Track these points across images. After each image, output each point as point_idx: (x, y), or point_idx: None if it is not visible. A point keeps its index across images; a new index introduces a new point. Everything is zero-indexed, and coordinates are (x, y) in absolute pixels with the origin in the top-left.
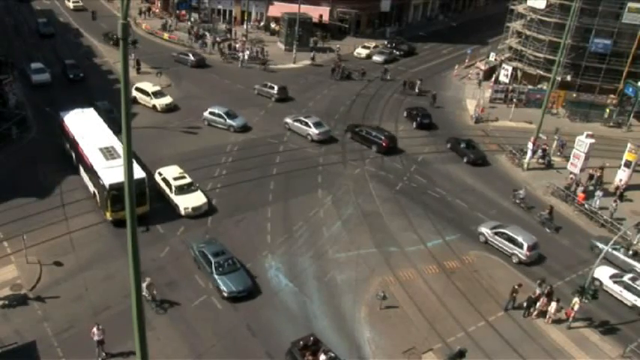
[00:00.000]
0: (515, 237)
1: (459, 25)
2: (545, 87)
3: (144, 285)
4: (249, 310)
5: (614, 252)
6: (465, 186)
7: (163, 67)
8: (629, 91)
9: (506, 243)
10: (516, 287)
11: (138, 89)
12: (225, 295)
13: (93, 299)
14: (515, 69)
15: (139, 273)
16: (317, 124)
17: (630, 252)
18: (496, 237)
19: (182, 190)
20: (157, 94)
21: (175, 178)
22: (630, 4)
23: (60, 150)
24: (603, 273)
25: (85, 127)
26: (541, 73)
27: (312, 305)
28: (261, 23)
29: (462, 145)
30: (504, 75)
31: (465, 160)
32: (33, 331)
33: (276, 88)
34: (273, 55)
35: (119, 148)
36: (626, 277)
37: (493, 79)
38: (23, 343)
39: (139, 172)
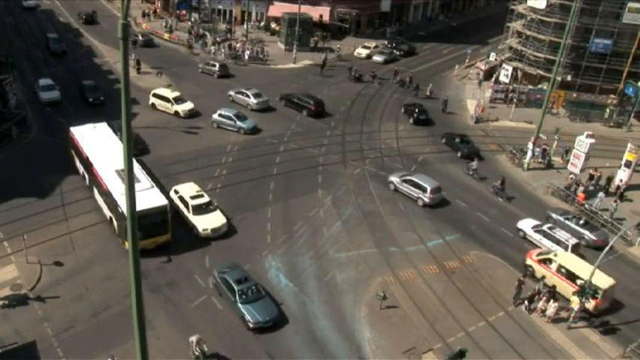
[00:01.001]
0: (420, 182)
1: (459, 25)
2: (545, 87)
3: (193, 340)
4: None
5: (567, 221)
6: (465, 186)
7: (164, 67)
8: (629, 91)
9: (412, 188)
10: (522, 279)
11: (156, 95)
12: (251, 325)
13: (93, 299)
14: (515, 69)
15: (139, 273)
16: (256, 95)
17: (581, 222)
18: (404, 184)
19: (200, 209)
20: (178, 100)
21: (192, 197)
22: (630, 4)
23: (60, 150)
24: (526, 224)
25: (99, 144)
26: (541, 73)
27: (312, 305)
28: (262, 23)
29: (457, 140)
30: (504, 75)
31: (459, 154)
32: (33, 331)
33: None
34: (273, 55)
35: (137, 170)
36: (545, 227)
37: (493, 79)
38: (23, 343)
39: (160, 199)
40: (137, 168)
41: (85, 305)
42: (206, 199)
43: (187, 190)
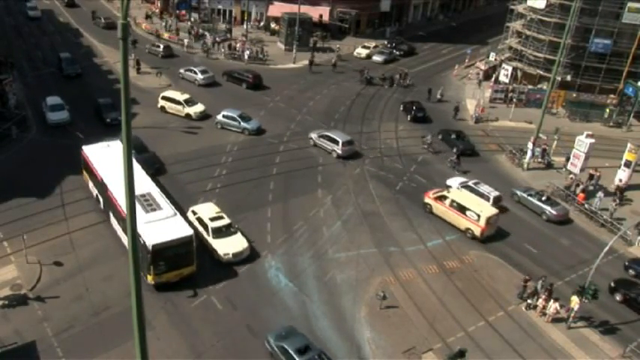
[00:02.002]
0: (333, 136)
1: (459, 25)
2: (545, 87)
3: None
4: (249, 310)
5: (529, 197)
6: None
7: (163, 67)
8: (629, 91)
9: (328, 142)
10: (527, 277)
11: (165, 98)
12: None
13: (93, 299)
14: (515, 69)
15: (139, 273)
16: (202, 71)
17: (543, 198)
18: (320, 139)
19: (220, 232)
20: (189, 102)
21: (212, 219)
22: (630, 4)
23: (60, 150)
24: (454, 181)
25: (114, 165)
26: (541, 73)
27: (312, 305)
28: (261, 23)
29: (453, 137)
30: (504, 75)
31: (454, 150)
32: (33, 331)
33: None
34: (273, 55)
35: (158, 195)
36: (471, 182)
37: (493, 79)
38: (23, 343)
39: (185, 229)
40: (157, 192)
41: (85, 305)
42: (226, 220)
43: (206, 211)
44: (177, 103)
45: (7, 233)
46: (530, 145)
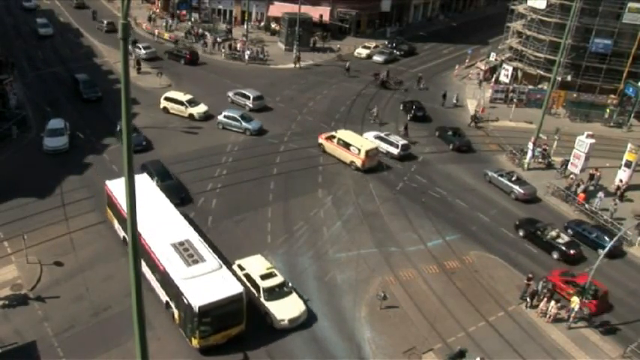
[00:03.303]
0: (245, 92)
1: (460, 25)
2: (545, 87)
3: None
4: (249, 310)
5: (500, 177)
6: (465, 186)
7: (163, 67)
8: (629, 91)
9: (241, 98)
10: (530, 276)
11: (168, 99)
12: None
13: (93, 299)
14: (515, 69)
15: (139, 273)
16: (145, 47)
17: (513, 178)
18: (236, 96)
19: (273, 293)
20: (191, 103)
21: (263, 277)
22: (630, 4)
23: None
24: (370, 135)
25: (144, 205)
26: (541, 73)
27: (313, 305)
28: (262, 23)
29: (449, 133)
30: (505, 75)
31: (450, 147)
32: (33, 331)
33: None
34: (274, 55)
35: (198, 243)
36: (383, 134)
37: (493, 79)
38: (23, 343)
39: (234, 285)
40: (197, 239)
41: (85, 305)
42: (279, 278)
43: (255, 266)
44: (180, 103)
45: (8, 233)
46: (530, 146)
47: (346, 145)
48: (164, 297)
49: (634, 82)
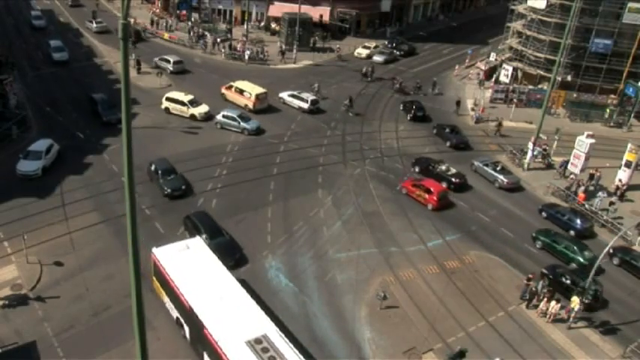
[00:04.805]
0: (167, 58)
1: (459, 25)
2: (545, 87)
3: None
4: None
5: (485, 167)
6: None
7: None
8: (629, 91)
9: (164, 63)
10: (530, 276)
11: (169, 99)
12: None
13: (93, 299)
14: (515, 69)
15: (139, 273)
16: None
17: (498, 168)
18: (161, 61)
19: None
20: (193, 103)
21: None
22: (630, 4)
23: (60, 150)
24: (284, 94)
25: (204, 283)
26: (541, 73)
27: (313, 305)
28: (262, 23)
29: (447, 130)
30: (505, 75)
31: (447, 144)
32: (33, 331)
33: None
34: (274, 55)
35: (277, 338)
36: (296, 92)
37: (493, 79)
38: (23, 343)
39: None
40: (275, 332)
41: (85, 305)
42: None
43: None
44: (181, 104)
45: (8, 233)
46: (530, 146)
47: (241, 92)
48: None
49: (634, 82)
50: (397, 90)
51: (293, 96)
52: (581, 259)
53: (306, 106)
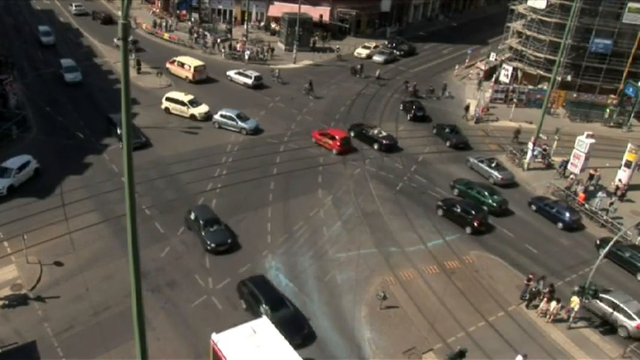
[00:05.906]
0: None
1: (459, 25)
2: (545, 87)
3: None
4: (249, 310)
5: (480, 164)
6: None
7: (163, 67)
8: (629, 91)
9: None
10: (530, 276)
11: (169, 99)
12: None
13: (93, 299)
14: (515, 69)
15: (139, 273)
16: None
17: (493, 164)
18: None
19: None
20: (193, 103)
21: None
22: (630, 4)
23: (61, 150)
24: (232, 72)
25: None
26: (541, 73)
27: (313, 305)
28: (262, 23)
29: (446, 130)
30: (504, 75)
31: (447, 144)
32: (33, 331)
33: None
34: (274, 54)
35: None
36: (241, 70)
37: (493, 79)
38: (23, 343)
39: None
40: None
41: (85, 305)
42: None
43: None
44: (182, 104)
45: (8, 233)
46: (530, 146)
47: (182, 65)
48: None
49: (634, 82)
50: (411, 93)
51: (239, 73)
52: (491, 202)
53: (250, 82)
